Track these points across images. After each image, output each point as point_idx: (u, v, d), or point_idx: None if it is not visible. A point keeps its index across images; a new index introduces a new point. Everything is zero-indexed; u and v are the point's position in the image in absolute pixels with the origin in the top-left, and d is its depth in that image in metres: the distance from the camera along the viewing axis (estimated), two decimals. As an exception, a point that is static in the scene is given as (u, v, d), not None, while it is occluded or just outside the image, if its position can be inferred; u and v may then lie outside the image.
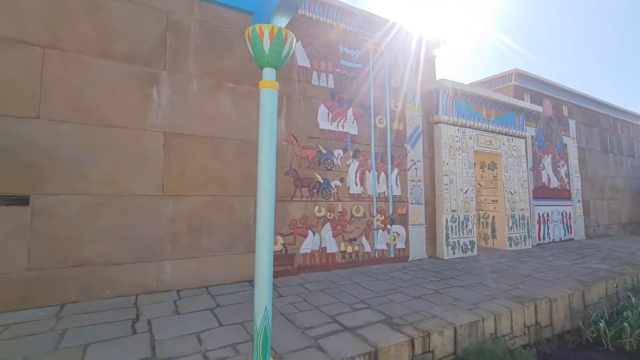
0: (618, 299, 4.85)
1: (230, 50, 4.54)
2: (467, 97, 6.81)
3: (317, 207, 5.05)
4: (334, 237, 5.16)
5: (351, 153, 5.48)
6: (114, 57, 3.78)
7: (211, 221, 4.20)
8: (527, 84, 8.68)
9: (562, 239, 9.05)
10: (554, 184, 9.08)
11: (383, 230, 5.70)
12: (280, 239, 4.69)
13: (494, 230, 7.61)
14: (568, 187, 9.49)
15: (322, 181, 5.13)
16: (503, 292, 4.14)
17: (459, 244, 6.43)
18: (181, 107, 4.12)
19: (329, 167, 5.22)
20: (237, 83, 4.55)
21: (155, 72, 3.99)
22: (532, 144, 8.56)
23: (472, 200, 6.80)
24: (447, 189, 6.41)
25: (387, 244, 5.71)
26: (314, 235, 4.98)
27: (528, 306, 3.71)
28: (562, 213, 9.14)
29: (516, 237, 7.55)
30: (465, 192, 6.71)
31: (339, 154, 5.35)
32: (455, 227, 6.45)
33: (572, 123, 9.98)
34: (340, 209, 5.27)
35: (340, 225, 5.25)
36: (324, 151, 5.20)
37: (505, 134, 7.63)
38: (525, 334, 3.65)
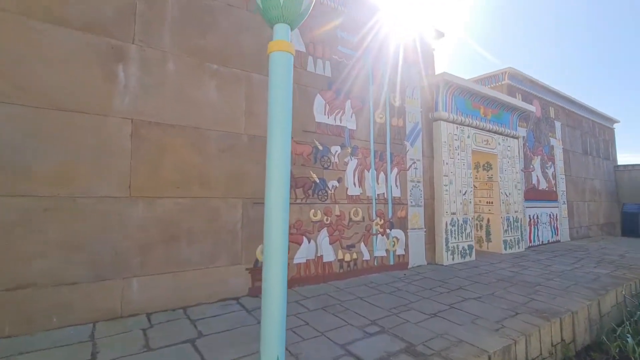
0: (626, 307, 4.64)
1: (215, 25, 3.85)
2: (466, 94, 6.47)
3: (312, 211, 4.47)
4: (331, 244, 4.60)
5: (349, 150, 4.94)
6: (68, 23, 3.01)
7: (191, 228, 3.51)
8: (519, 84, 8.53)
9: (550, 241, 9.01)
10: (543, 185, 9.02)
11: (382, 236, 5.21)
12: (271, 248, 4.06)
13: (488, 233, 7.35)
14: (555, 189, 9.48)
15: (318, 181, 4.55)
16: (521, 305, 3.76)
17: (458, 248, 6.07)
18: (154, 90, 3.41)
19: (325, 166, 4.65)
20: (223, 65, 3.88)
21: (121, 45, 3.25)
22: (523, 144, 8.42)
23: (470, 202, 6.47)
24: (446, 190, 6.03)
25: (387, 251, 5.23)
26: (309, 242, 4.39)
27: (554, 322, 3.33)
28: (549, 215, 9.10)
29: (511, 240, 7.33)
30: (464, 193, 6.37)
31: (337, 151, 4.79)
32: (455, 231, 6.08)
33: (557, 125, 10.00)
34: (337, 213, 4.72)
35: (338, 230, 4.70)
36: (320, 147, 4.62)
37: (501, 134, 7.39)
38: (552, 354, 3.27)
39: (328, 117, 4.75)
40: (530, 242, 8.27)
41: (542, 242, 8.71)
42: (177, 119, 3.51)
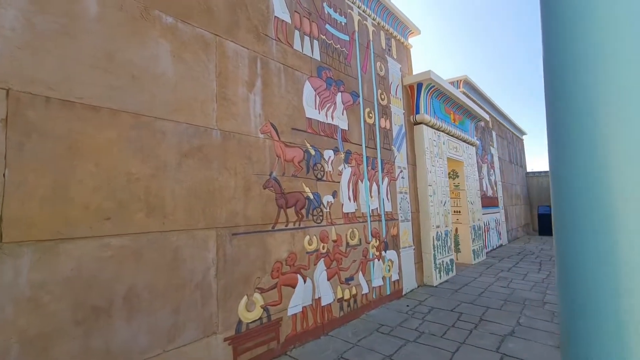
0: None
1: (169, -45, 2.43)
2: (442, 98, 6.06)
3: (307, 237, 3.27)
4: (329, 279, 3.46)
5: (343, 155, 3.89)
6: None
7: (132, 288, 2.00)
8: (471, 92, 8.68)
9: (496, 246, 9.35)
10: (489, 192, 9.35)
11: (379, 260, 4.27)
12: (258, 299, 2.74)
13: (457, 244, 7.07)
14: (496, 195, 9.96)
15: (312, 197, 3.38)
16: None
17: (443, 265, 5.52)
18: (58, 41, 1.85)
19: (319, 176, 3.51)
20: (183, 19, 2.47)
21: (-18, -59, 1.64)
22: (476, 152, 8.55)
23: (449, 213, 6.03)
24: (431, 201, 5.44)
25: (383, 278, 4.31)
26: (304, 281, 3.18)
27: None
28: (495, 220, 9.47)
29: (477, 249, 7.20)
30: (444, 204, 5.89)
31: (330, 157, 3.70)
32: (440, 245, 5.52)
33: (494, 134, 10.65)
34: (334, 237, 3.61)
35: (336, 260, 3.59)
36: (313, 152, 3.48)
37: (465, 141, 7.25)
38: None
39: (319, 112, 3.64)
40: (486, 248, 8.38)
41: (493, 247, 8.97)
42: (102, 96, 1.99)
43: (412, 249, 5.06)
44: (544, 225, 12.72)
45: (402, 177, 5.05)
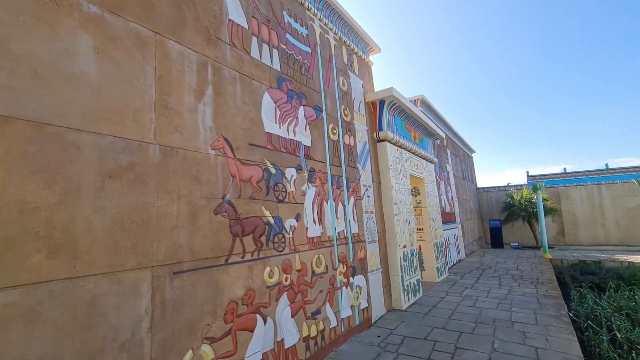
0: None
1: None
2: (403, 115, 6.05)
3: (268, 269, 2.83)
4: (293, 316, 3.02)
5: (306, 174, 3.55)
6: None
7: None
8: (427, 111, 8.93)
9: (456, 261, 9.50)
10: (447, 208, 9.55)
11: (347, 288, 3.92)
12: (208, 352, 2.22)
13: (421, 262, 6.98)
14: (454, 211, 10.23)
15: (273, 221, 2.97)
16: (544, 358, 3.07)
17: (410, 286, 5.31)
18: None
19: (280, 197, 3.12)
20: (113, 11, 2.02)
21: None
22: (434, 169, 8.72)
23: (414, 231, 5.91)
24: (397, 220, 5.26)
25: (352, 306, 3.95)
26: (265, 322, 2.71)
27: (598, 386, 2.70)
28: (454, 236, 9.66)
29: (440, 266, 7.16)
30: (409, 222, 5.76)
31: (292, 176, 3.34)
32: (407, 266, 5.33)
33: (449, 152, 11.06)
34: (298, 266, 3.20)
35: (300, 292, 3.16)
36: (273, 170, 3.09)
37: (425, 158, 7.32)
38: None
39: (280, 127, 3.29)
40: (447, 264, 8.43)
41: (453, 262, 9.07)
42: (-14, 98, 1.46)
43: (380, 271, 4.79)
44: (495, 238, 13.35)
45: (368, 196, 4.82)
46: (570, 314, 4.67)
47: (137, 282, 1.90)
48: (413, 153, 6.55)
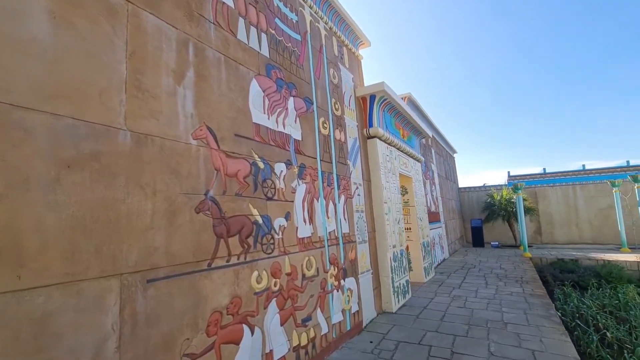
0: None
1: None
2: (393, 112, 5.90)
3: (256, 273, 2.56)
4: (282, 324, 2.76)
5: (296, 170, 3.30)
6: None
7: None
8: (413, 110, 8.86)
9: (441, 260, 9.50)
10: (432, 208, 9.53)
11: (338, 291, 3.69)
12: (187, 371, 1.93)
13: (409, 262, 6.86)
14: (438, 210, 10.24)
15: (261, 220, 2.70)
16: (540, 367, 2.96)
17: (400, 287, 5.16)
18: None
19: (269, 195, 2.85)
20: (72, -32, 1.69)
21: None
22: (421, 168, 8.66)
23: (403, 231, 5.77)
24: (388, 220, 5.09)
25: (343, 311, 3.73)
26: (252, 333, 2.44)
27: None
28: (439, 235, 9.66)
29: (427, 266, 7.07)
30: (398, 221, 5.61)
31: (282, 171, 3.08)
32: (397, 267, 5.17)
33: (433, 152, 11.08)
34: (288, 270, 2.94)
35: (290, 298, 2.91)
36: (262, 165, 2.82)
37: (412, 157, 7.22)
38: None
39: (269, 118, 3.02)
40: (433, 263, 8.38)
41: (439, 262, 9.05)
42: None
43: (370, 273, 4.60)
44: (477, 237, 13.54)
45: (358, 194, 4.62)
46: (558, 313, 4.66)
47: (102, 293, 1.59)
48: (402, 151, 6.42)
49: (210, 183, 2.28)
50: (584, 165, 13.56)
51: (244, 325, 2.37)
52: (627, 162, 12.87)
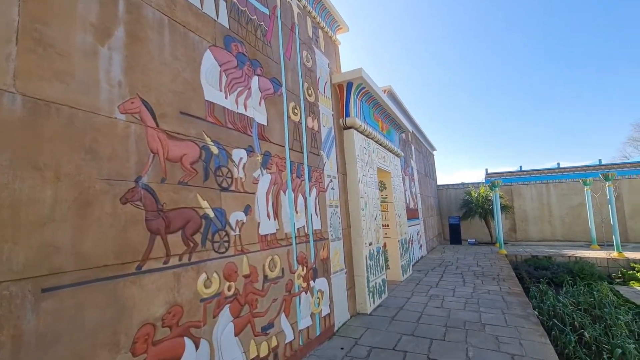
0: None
1: None
2: (371, 102, 5.60)
3: (203, 277, 2.17)
4: (237, 334, 2.39)
5: (260, 158, 2.92)
6: None
7: None
8: (394, 104, 8.61)
9: (419, 258, 9.36)
10: (411, 204, 9.37)
11: (306, 293, 3.35)
12: (101, 402, 1.53)
13: (386, 260, 6.62)
14: (417, 207, 10.10)
15: (213, 214, 2.31)
16: (521, 374, 2.73)
17: (376, 287, 4.89)
18: None
19: (224, 185, 2.46)
20: None
21: None
22: (400, 164, 8.45)
23: (380, 227, 5.50)
24: (364, 215, 4.80)
25: (312, 315, 3.39)
26: (196, 347, 2.05)
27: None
28: (417, 232, 9.52)
29: (404, 264, 6.86)
30: (375, 218, 5.34)
31: (241, 159, 2.69)
32: (373, 265, 4.89)
33: (412, 148, 10.93)
34: (246, 271, 2.56)
35: (248, 303, 2.54)
36: (215, 150, 2.42)
37: (392, 151, 6.97)
38: None
39: (227, 97, 2.62)
40: (411, 261, 8.21)
41: (416, 259, 8.91)
42: None
43: (344, 272, 4.29)
44: (454, 235, 13.60)
45: (332, 188, 4.29)
46: (535, 312, 4.53)
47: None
48: (381, 144, 6.15)
49: (144, 168, 1.87)
50: (558, 164, 13.85)
51: (186, 338, 1.99)
52: (600, 160, 13.25)
